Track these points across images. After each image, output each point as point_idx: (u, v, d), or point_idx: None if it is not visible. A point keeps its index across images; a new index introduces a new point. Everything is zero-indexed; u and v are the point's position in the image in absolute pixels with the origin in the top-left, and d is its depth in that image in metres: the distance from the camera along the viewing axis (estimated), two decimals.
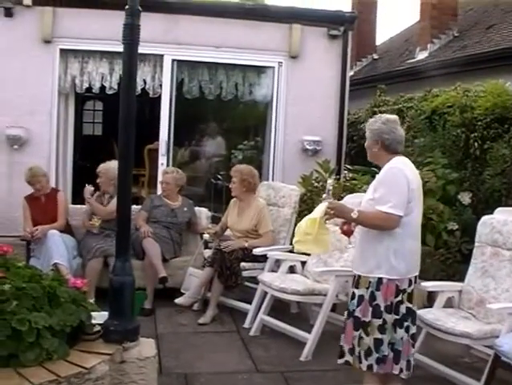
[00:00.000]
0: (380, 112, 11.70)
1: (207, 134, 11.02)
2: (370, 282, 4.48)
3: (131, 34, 4.09)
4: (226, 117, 10.85)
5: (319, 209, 4.66)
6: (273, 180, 9.09)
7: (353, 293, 4.60)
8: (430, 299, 6.09)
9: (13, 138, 8.69)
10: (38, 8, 8.79)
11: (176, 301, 6.91)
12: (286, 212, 7.31)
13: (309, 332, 5.91)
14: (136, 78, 4.25)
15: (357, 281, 4.59)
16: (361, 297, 4.52)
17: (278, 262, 6.73)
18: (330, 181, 4.89)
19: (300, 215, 7.32)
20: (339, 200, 6.80)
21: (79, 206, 7.74)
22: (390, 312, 4.44)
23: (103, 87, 9.14)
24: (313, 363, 5.75)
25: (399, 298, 4.45)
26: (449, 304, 5.57)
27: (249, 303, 6.73)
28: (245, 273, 6.80)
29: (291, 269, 6.66)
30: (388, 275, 4.42)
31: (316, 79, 9.35)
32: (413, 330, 4.55)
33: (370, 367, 4.46)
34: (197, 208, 7.88)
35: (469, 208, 7.82)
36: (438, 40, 15.00)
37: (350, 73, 10.24)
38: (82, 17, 8.82)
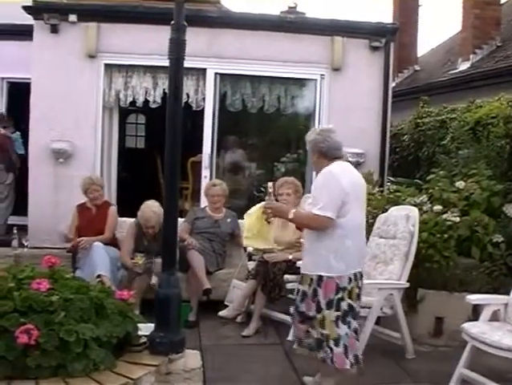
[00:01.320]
0: (424, 124, 11.68)
1: (249, 147, 11.05)
2: (312, 279, 4.83)
3: (177, 49, 4.14)
4: (269, 130, 10.85)
5: (254, 208, 5.39)
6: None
7: (297, 289, 5.03)
8: (475, 312, 6.01)
9: (58, 152, 8.81)
10: (83, 24, 8.94)
11: (220, 313, 6.94)
12: None
13: None
14: (182, 92, 4.29)
15: (301, 277, 5.01)
16: (304, 293, 4.90)
17: None
18: (270, 184, 5.26)
19: None
20: (383, 212, 6.82)
21: (123, 219, 7.80)
22: (330, 308, 4.75)
23: (146, 101, 9.23)
24: None
25: (339, 295, 4.76)
26: (494, 317, 5.49)
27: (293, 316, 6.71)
28: (288, 286, 6.75)
29: None
30: (327, 273, 4.76)
31: (358, 91, 9.31)
32: (355, 324, 4.86)
33: (323, 360, 4.75)
34: (240, 221, 7.88)
35: None
36: (481, 50, 14.81)
37: (391, 84, 10.17)
38: (126, 32, 8.95)
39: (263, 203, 5.13)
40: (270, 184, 5.23)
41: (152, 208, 7.21)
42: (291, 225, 7.07)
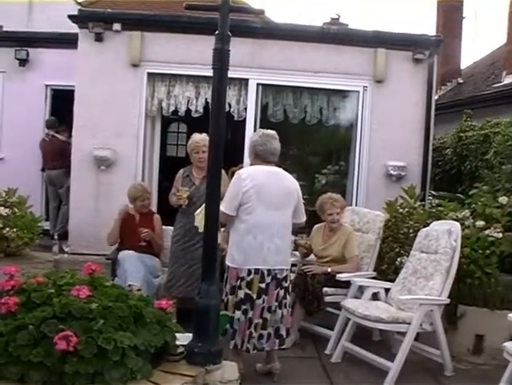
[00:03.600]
0: (467, 138, 11.55)
1: (290, 157, 11.01)
2: (227, 268, 5.53)
3: (221, 59, 4.14)
4: (310, 141, 10.82)
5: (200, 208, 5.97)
6: (356, 205, 9.00)
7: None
8: None
9: (100, 159, 8.89)
10: (127, 33, 9.03)
11: None
12: (370, 237, 7.22)
13: (391, 360, 5.79)
14: (226, 102, 4.29)
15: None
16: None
17: (361, 288, 6.63)
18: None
19: (385, 241, 7.24)
20: (425, 226, 6.74)
21: (163, 227, 7.81)
22: (232, 294, 5.44)
23: (188, 110, 9.27)
24: None
25: (237, 284, 5.40)
26: None
27: (331, 329, 6.65)
28: (327, 299, 6.71)
29: (374, 296, 6.56)
30: (230, 263, 5.50)
31: (401, 104, 9.24)
32: (250, 314, 5.41)
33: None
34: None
35: None
36: None
37: (434, 97, 10.06)
38: (169, 41, 9.02)
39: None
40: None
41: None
42: (336, 241, 7.04)
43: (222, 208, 5.16)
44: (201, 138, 6.86)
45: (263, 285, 5.41)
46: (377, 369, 5.93)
